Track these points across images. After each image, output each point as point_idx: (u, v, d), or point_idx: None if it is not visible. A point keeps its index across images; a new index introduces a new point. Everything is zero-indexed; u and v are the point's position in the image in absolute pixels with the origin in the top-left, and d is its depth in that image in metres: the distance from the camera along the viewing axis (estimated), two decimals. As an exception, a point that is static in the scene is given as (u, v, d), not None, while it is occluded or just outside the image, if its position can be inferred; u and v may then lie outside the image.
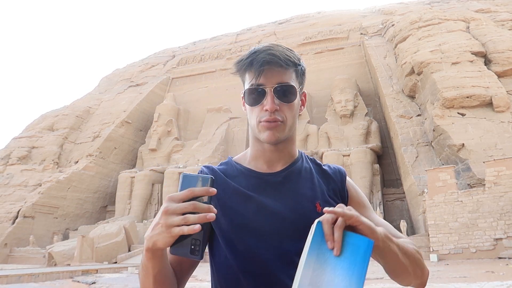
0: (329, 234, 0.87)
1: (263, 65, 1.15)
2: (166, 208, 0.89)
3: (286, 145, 1.25)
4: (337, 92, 33.97)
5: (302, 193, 1.20)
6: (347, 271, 0.85)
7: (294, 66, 1.20)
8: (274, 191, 1.19)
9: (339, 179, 1.28)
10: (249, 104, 1.19)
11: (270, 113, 1.15)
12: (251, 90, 1.17)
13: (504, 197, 18.97)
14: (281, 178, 1.22)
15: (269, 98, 1.15)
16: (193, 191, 0.91)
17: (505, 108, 24.04)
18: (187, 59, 49.20)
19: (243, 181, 1.21)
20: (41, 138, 40.13)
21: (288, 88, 1.17)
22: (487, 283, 10.31)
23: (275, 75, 1.16)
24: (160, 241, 0.89)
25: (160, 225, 0.89)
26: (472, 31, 30.44)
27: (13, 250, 30.49)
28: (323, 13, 50.14)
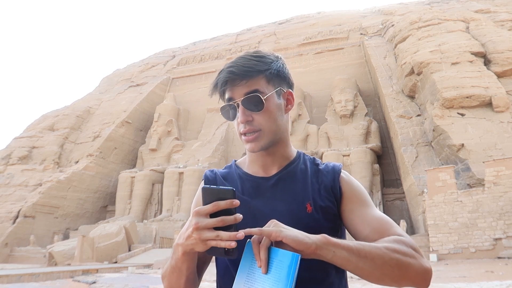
0: (256, 253, 0.93)
1: (225, 85, 1.19)
2: (197, 224, 0.94)
3: (277, 149, 1.26)
4: (337, 92, 34.00)
5: (293, 194, 1.21)
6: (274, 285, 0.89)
7: (261, 73, 1.20)
8: (266, 194, 1.22)
9: (331, 176, 1.26)
10: (227, 119, 1.24)
11: (244, 125, 1.18)
12: (225, 107, 1.22)
13: (503, 197, 19.00)
14: (273, 181, 1.24)
15: (240, 111, 1.18)
16: (218, 205, 0.95)
17: (504, 108, 24.07)
18: (187, 59, 49.23)
19: (240, 185, 1.26)
20: (42, 138, 40.16)
21: (253, 97, 1.17)
22: (486, 283, 10.34)
23: (242, 88, 1.18)
24: (197, 248, 0.97)
25: (194, 238, 0.96)
26: (472, 31, 30.47)
27: (14, 249, 30.53)
28: (323, 13, 50.17)
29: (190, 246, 0.97)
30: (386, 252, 0.99)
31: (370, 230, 1.13)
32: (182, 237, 0.99)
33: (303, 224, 1.13)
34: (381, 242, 1.03)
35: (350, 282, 12.51)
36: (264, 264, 0.91)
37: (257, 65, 1.20)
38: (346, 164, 30.23)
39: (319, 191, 1.23)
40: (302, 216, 1.15)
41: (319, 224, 1.16)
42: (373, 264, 0.97)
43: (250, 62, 1.20)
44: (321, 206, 1.20)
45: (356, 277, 13.61)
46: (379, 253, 0.98)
